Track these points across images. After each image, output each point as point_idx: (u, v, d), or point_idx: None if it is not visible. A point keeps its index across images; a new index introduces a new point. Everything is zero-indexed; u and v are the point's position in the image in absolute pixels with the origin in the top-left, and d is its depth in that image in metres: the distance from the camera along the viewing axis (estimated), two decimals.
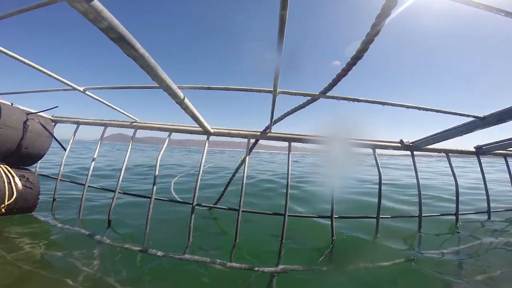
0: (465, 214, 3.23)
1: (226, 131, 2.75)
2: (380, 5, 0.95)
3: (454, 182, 3.00)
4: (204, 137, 2.83)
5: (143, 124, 2.93)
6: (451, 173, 3.06)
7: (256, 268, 1.93)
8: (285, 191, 2.56)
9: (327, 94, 1.70)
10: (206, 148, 2.76)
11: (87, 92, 2.30)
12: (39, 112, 2.91)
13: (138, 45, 1.06)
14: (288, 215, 2.47)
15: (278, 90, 1.67)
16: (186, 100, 1.65)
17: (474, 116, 2.17)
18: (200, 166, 2.64)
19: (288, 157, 2.61)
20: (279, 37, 1.09)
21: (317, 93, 1.73)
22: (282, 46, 1.15)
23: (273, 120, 2.39)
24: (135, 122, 2.96)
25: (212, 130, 2.67)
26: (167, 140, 2.88)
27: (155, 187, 2.60)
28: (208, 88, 1.86)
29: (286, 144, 2.78)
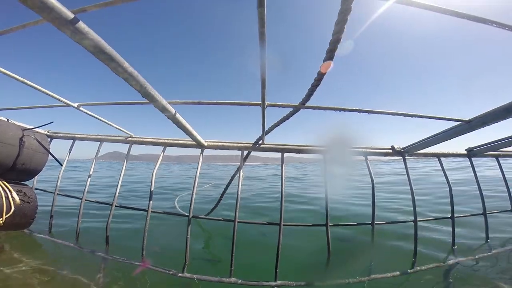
0: (461, 217, 3.22)
1: (220, 143, 2.78)
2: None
3: (447, 185, 3.03)
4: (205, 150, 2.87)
5: (138, 139, 2.97)
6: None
7: (255, 283, 1.95)
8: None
9: (306, 105, 1.72)
10: (200, 161, 2.79)
11: (81, 108, 2.34)
12: (34, 128, 2.94)
13: (126, 64, 1.09)
14: (283, 225, 2.47)
15: (266, 102, 1.71)
16: (178, 115, 1.69)
17: (460, 120, 2.22)
18: (195, 179, 2.67)
19: (282, 167, 2.64)
20: (260, 52, 1.12)
21: (297, 104, 1.76)
22: (265, 59, 1.18)
23: (264, 131, 2.42)
24: (130, 137, 2.99)
25: (205, 143, 2.71)
26: (161, 155, 2.91)
27: (151, 201, 2.63)
28: (199, 103, 1.91)
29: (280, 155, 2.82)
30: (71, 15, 0.80)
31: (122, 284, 1.94)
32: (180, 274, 2.06)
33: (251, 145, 2.74)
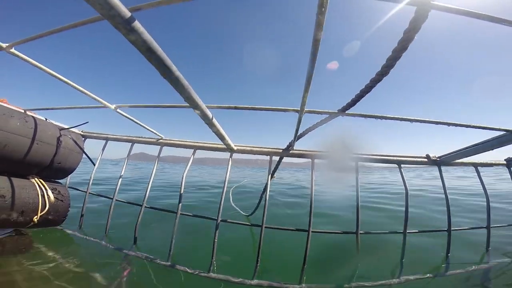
0: (497, 227, 3.07)
1: (248, 148, 2.79)
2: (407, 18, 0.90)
3: (484, 195, 2.90)
4: (225, 154, 2.89)
5: (168, 141, 3.02)
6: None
7: (280, 287, 1.93)
8: None
9: (347, 112, 1.69)
10: (229, 165, 2.80)
11: (118, 110, 2.40)
12: (71, 127, 3.06)
13: (174, 68, 1.09)
14: (312, 231, 2.42)
15: (305, 109, 1.68)
16: (214, 120, 1.69)
17: (505, 130, 2.10)
18: (225, 182, 2.66)
19: (312, 173, 2.61)
20: (311, 58, 1.08)
21: (335, 111, 1.73)
22: (314, 66, 1.15)
23: (296, 137, 2.39)
24: (161, 139, 3.05)
25: (235, 148, 2.71)
26: (192, 157, 2.93)
27: (180, 204, 2.64)
28: (236, 108, 1.90)
29: (305, 159, 2.79)
30: (128, 13, 0.78)
31: (148, 283, 1.96)
32: (203, 274, 2.06)
33: (280, 150, 2.71)
